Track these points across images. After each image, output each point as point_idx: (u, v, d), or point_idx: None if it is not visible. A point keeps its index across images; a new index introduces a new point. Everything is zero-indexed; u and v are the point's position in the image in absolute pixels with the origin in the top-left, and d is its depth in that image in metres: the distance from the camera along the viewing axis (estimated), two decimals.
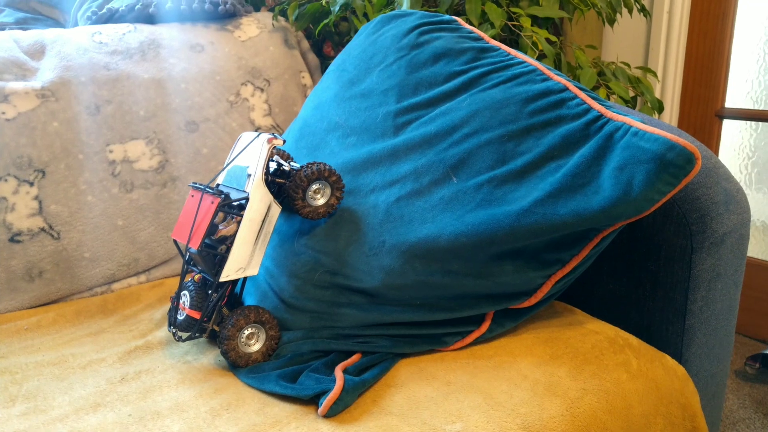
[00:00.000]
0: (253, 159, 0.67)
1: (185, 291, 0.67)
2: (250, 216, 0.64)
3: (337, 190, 0.69)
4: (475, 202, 0.62)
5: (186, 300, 0.66)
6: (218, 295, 0.65)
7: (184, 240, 0.65)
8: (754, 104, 1.61)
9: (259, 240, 0.65)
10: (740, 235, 0.72)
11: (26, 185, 0.86)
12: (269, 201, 0.65)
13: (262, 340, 0.65)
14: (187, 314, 0.65)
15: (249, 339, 0.65)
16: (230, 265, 0.64)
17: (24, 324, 0.78)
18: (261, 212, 0.65)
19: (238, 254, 0.64)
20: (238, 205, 0.66)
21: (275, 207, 0.66)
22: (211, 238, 0.66)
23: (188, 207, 0.67)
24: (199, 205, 0.66)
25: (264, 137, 0.67)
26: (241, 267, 0.65)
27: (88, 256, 0.89)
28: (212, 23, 1.12)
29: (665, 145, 0.55)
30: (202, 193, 0.66)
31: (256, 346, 0.65)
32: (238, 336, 0.64)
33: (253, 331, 0.65)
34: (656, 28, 1.68)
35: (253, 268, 0.65)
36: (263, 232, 0.66)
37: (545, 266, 0.63)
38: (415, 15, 0.83)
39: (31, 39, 0.97)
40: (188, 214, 0.67)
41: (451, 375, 0.61)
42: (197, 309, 0.65)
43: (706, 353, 0.74)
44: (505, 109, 0.66)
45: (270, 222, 0.66)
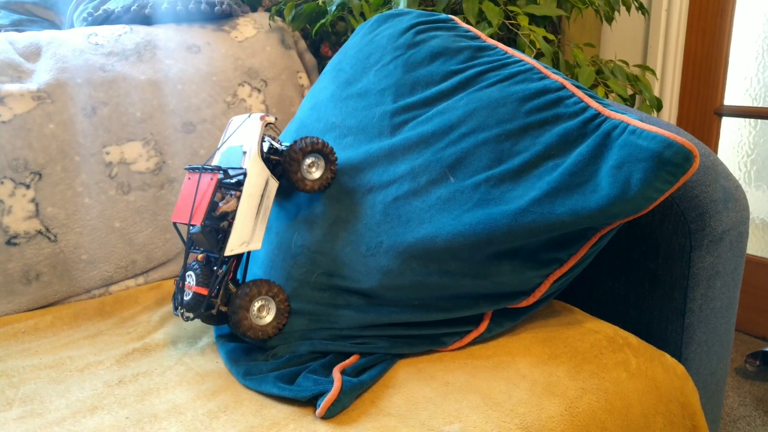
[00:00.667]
0: (247, 137, 0.69)
1: (190, 271, 0.67)
2: (249, 190, 0.65)
3: (332, 163, 0.71)
4: (473, 201, 0.62)
5: (192, 279, 0.66)
6: (224, 270, 0.66)
7: (184, 220, 0.66)
8: (753, 101, 1.61)
9: (259, 214, 0.66)
10: (739, 232, 0.72)
11: (22, 188, 0.85)
12: (267, 175, 0.67)
13: (273, 313, 0.66)
14: (194, 292, 0.65)
15: (260, 311, 0.65)
16: (234, 239, 0.65)
17: (21, 327, 0.78)
18: (260, 186, 0.66)
19: (241, 228, 0.65)
20: (236, 182, 0.67)
21: (273, 182, 0.67)
22: (212, 215, 0.66)
23: (186, 189, 0.68)
24: (198, 184, 0.67)
25: (256, 116, 0.69)
26: (245, 241, 0.65)
27: (86, 258, 0.89)
28: (209, 24, 1.12)
29: (663, 143, 0.55)
30: (200, 173, 0.67)
31: (267, 318, 0.66)
32: (250, 307, 0.64)
33: (263, 303, 0.65)
34: (655, 26, 1.68)
35: (256, 242, 0.66)
36: (263, 206, 0.66)
37: (543, 266, 0.63)
38: (411, 14, 0.82)
39: (26, 41, 0.97)
40: (187, 196, 0.67)
41: (450, 375, 0.61)
42: (204, 286, 0.65)
43: (706, 351, 0.74)
44: (502, 108, 0.66)
45: (269, 196, 0.67)
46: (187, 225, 0.67)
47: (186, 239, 0.70)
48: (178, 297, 0.67)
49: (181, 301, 0.66)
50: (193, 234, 0.67)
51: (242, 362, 0.66)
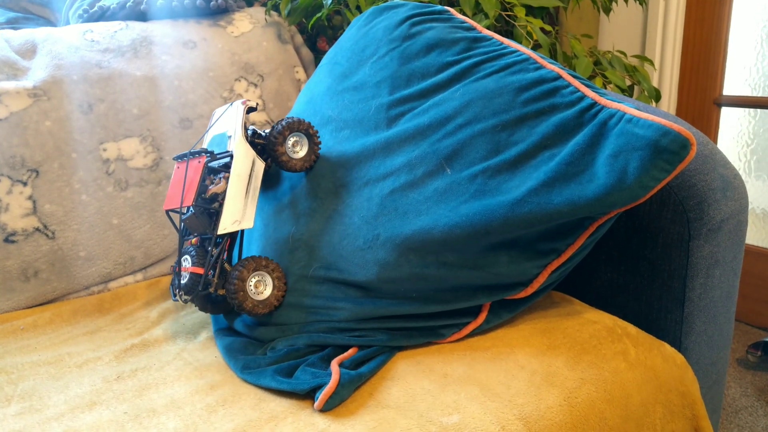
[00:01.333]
0: (230, 123, 0.71)
1: (185, 255, 0.68)
2: (237, 171, 0.67)
3: (315, 137, 0.73)
4: (469, 193, 0.62)
5: (187, 262, 0.67)
6: (218, 249, 0.67)
7: (176, 205, 0.67)
8: (753, 91, 1.60)
9: (249, 194, 0.68)
10: (738, 221, 0.72)
11: (20, 185, 0.85)
12: (252, 156, 0.69)
13: (271, 285, 0.67)
14: (191, 272, 0.66)
15: (257, 287, 0.66)
16: (225, 218, 0.66)
17: (20, 324, 0.78)
18: (247, 166, 0.68)
19: (232, 207, 0.66)
20: (224, 165, 0.69)
21: (259, 162, 0.69)
22: (203, 198, 0.68)
23: (176, 177, 0.70)
24: (186, 169, 0.68)
25: (237, 102, 0.72)
26: (236, 219, 0.67)
27: (84, 255, 0.89)
28: (204, 19, 1.12)
29: (660, 131, 0.55)
30: (187, 160, 0.69)
31: (267, 292, 0.67)
32: (245, 287, 0.65)
33: (258, 279, 0.66)
34: (653, 16, 1.67)
35: (247, 221, 0.68)
36: (251, 186, 0.68)
37: (541, 256, 0.62)
38: (406, 6, 0.82)
39: (22, 38, 0.96)
40: (177, 184, 0.69)
41: (449, 367, 0.61)
42: (200, 265, 0.66)
43: (706, 341, 0.74)
44: (498, 99, 0.65)
45: (256, 177, 0.69)
46: (179, 212, 0.68)
47: (179, 226, 0.70)
48: (175, 281, 0.68)
49: (178, 285, 0.67)
50: (186, 219, 0.68)
51: (240, 356, 0.66)
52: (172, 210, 0.68)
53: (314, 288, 0.67)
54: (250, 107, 0.72)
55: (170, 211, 0.68)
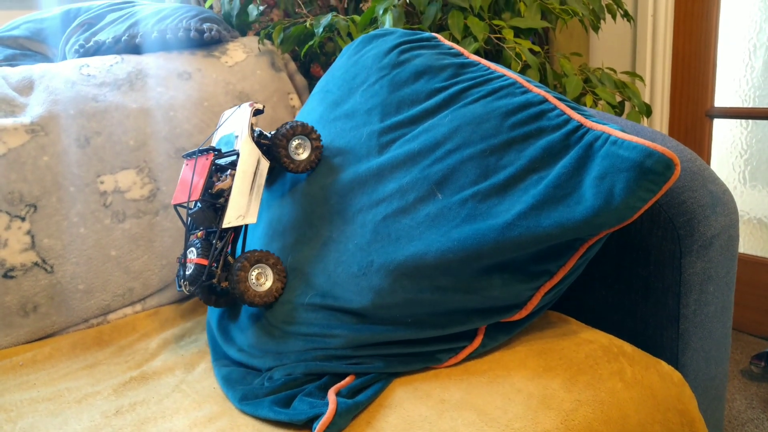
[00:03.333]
0: (238, 123, 0.75)
1: (191, 247, 0.71)
2: (242, 168, 0.71)
3: (315, 141, 0.77)
4: (461, 217, 0.62)
5: (193, 254, 0.70)
6: (223, 242, 0.70)
7: (184, 200, 0.71)
8: (743, 102, 1.62)
9: (253, 191, 0.71)
10: (729, 236, 0.72)
11: (18, 220, 0.86)
12: (258, 155, 0.72)
13: (272, 278, 0.70)
14: (196, 263, 0.69)
15: (258, 279, 0.69)
16: (230, 213, 0.69)
17: (19, 360, 0.78)
18: (252, 164, 0.72)
19: (236, 202, 0.70)
20: (230, 163, 0.73)
21: (264, 161, 0.73)
22: (209, 193, 0.71)
23: (185, 174, 0.74)
24: (194, 166, 0.73)
25: (245, 104, 0.76)
26: (240, 214, 0.70)
27: (83, 288, 0.89)
28: (199, 50, 1.14)
29: (644, 152, 0.56)
30: (195, 157, 0.74)
31: (267, 284, 0.69)
32: (247, 277, 0.68)
33: (260, 271, 0.69)
34: (642, 32, 1.69)
35: (251, 217, 0.71)
36: (256, 183, 0.72)
37: (533, 278, 0.63)
38: (395, 34, 0.83)
39: (19, 75, 0.98)
40: (185, 179, 0.73)
41: (446, 392, 0.61)
42: (204, 257, 0.69)
43: (703, 357, 0.74)
44: (486, 124, 0.66)
45: (261, 175, 0.72)
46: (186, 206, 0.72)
47: (186, 221, 0.74)
48: (180, 272, 0.71)
49: (183, 275, 0.70)
50: (192, 214, 0.72)
51: (238, 386, 0.66)
52: (179, 205, 0.72)
53: (310, 316, 0.68)
54: (257, 109, 0.76)
55: (178, 205, 0.72)
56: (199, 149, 0.73)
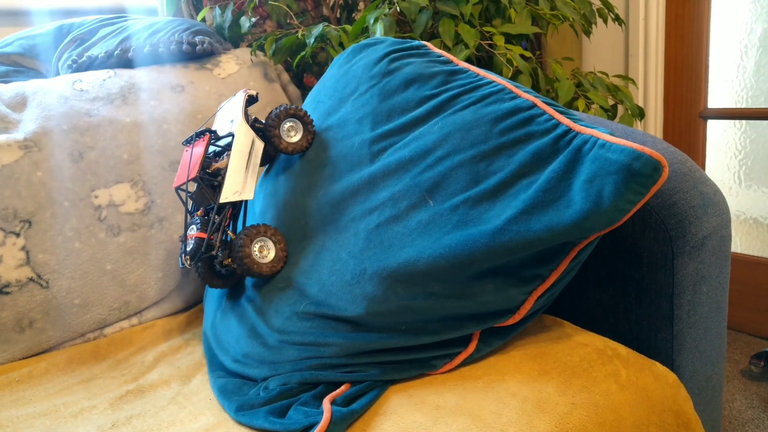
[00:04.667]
0: (233, 109, 0.80)
1: (191, 225, 0.75)
2: (238, 147, 0.75)
3: (308, 125, 0.80)
4: (452, 223, 0.63)
5: (192, 230, 0.74)
6: (221, 216, 0.73)
7: (183, 179, 0.75)
8: (736, 103, 1.62)
9: (248, 169, 0.75)
10: (721, 236, 0.72)
11: (13, 236, 0.86)
12: (252, 136, 0.77)
13: (273, 251, 0.73)
14: (196, 237, 0.72)
15: (261, 251, 0.72)
16: (227, 188, 0.73)
17: (15, 376, 0.78)
18: (247, 144, 0.76)
19: (233, 179, 0.74)
20: (227, 145, 0.77)
21: (258, 142, 0.77)
22: (207, 171, 0.76)
23: (184, 159, 0.78)
24: (192, 149, 0.77)
25: (240, 92, 0.81)
26: (237, 191, 0.74)
27: (78, 302, 0.89)
28: (191, 63, 1.14)
29: (631, 155, 0.56)
30: (192, 142, 0.78)
31: (269, 257, 0.73)
32: (251, 246, 0.71)
33: (261, 244, 0.72)
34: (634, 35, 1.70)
35: (248, 193, 0.75)
36: (251, 162, 0.76)
37: (525, 282, 0.63)
38: (385, 43, 0.84)
39: (12, 92, 0.98)
40: (185, 164, 0.77)
41: (441, 399, 0.61)
42: (203, 231, 0.73)
43: (699, 357, 0.74)
44: (475, 130, 0.67)
45: (256, 155, 0.76)
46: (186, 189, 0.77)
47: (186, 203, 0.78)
48: (182, 248, 0.74)
49: (184, 251, 0.73)
50: (192, 195, 0.76)
51: (234, 397, 0.66)
52: (180, 187, 0.76)
53: (305, 325, 0.68)
54: (251, 95, 0.80)
55: (179, 188, 0.76)
56: (196, 132, 0.78)
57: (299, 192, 0.78)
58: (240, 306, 0.76)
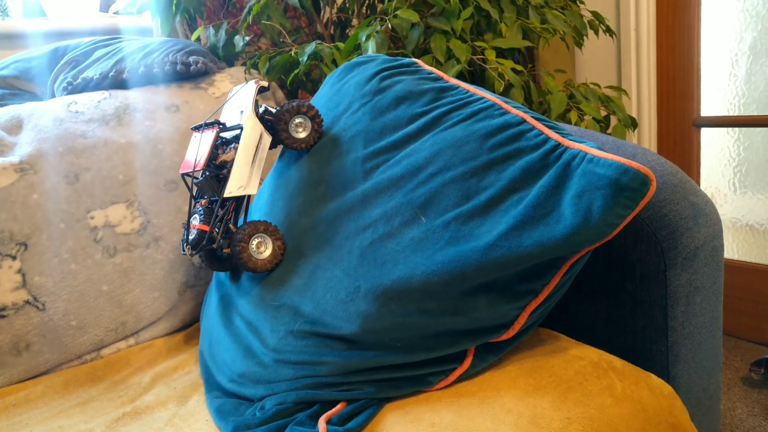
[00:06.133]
0: (243, 100, 0.80)
1: (195, 214, 0.76)
2: (245, 141, 0.75)
3: (316, 124, 0.81)
4: (444, 240, 0.63)
5: (196, 220, 0.75)
6: (224, 210, 0.75)
7: (190, 169, 0.75)
8: (729, 111, 1.64)
9: (255, 163, 0.76)
10: (713, 247, 0.73)
11: (9, 259, 0.87)
12: (260, 130, 0.77)
13: (270, 248, 0.74)
14: (198, 229, 0.74)
15: (259, 248, 0.74)
16: (232, 183, 0.74)
17: (12, 400, 0.78)
18: (254, 138, 0.76)
19: (238, 173, 0.75)
20: (235, 137, 0.77)
21: (266, 136, 0.78)
22: (213, 164, 0.76)
23: (192, 146, 0.79)
24: (201, 135, 0.78)
25: (251, 81, 0.82)
26: (242, 185, 0.75)
27: (75, 324, 0.89)
28: (186, 83, 1.15)
29: (619, 169, 0.57)
30: (202, 130, 0.79)
31: (266, 253, 0.74)
32: (248, 244, 0.73)
33: (260, 240, 0.74)
34: (625, 46, 1.71)
35: (252, 188, 0.76)
36: (258, 157, 0.76)
37: (518, 297, 0.63)
38: (376, 61, 0.85)
39: (7, 115, 0.99)
40: (192, 150, 0.78)
41: (436, 416, 0.61)
42: (206, 223, 0.74)
43: (694, 368, 0.74)
44: (466, 147, 0.67)
45: (263, 149, 0.77)
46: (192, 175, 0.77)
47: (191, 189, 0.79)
48: (185, 236, 0.75)
49: (186, 240, 0.74)
50: (198, 183, 0.77)
51: (231, 418, 0.66)
52: (186, 174, 0.76)
53: (300, 343, 0.68)
54: (263, 86, 0.81)
55: (184, 174, 0.76)
56: (206, 122, 0.78)
57: (294, 211, 0.78)
58: (235, 325, 0.77)
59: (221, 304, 0.82)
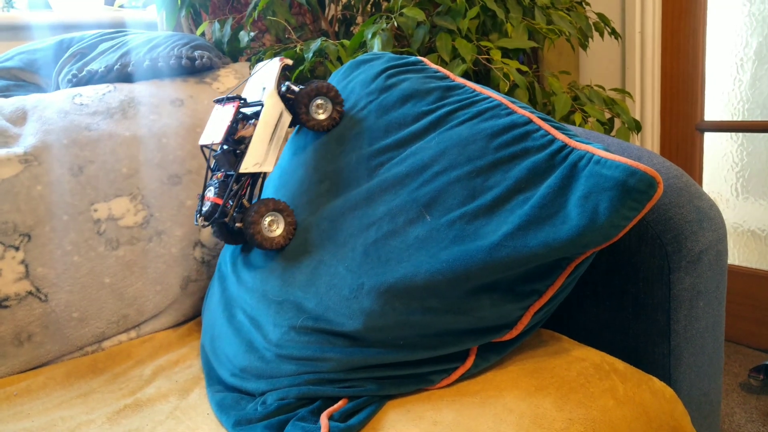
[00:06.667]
0: (267, 76, 0.81)
1: (210, 186, 0.77)
2: (265, 119, 0.76)
3: (338, 104, 0.81)
4: (449, 239, 0.63)
5: (211, 192, 0.76)
6: (239, 185, 0.75)
7: (208, 141, 0.76)
8: (732, 116, 1.63)
9: (273, 141, 0.76)
10: (717, 251, 0.73)
11: (12, 250, 0.86)
12: (281, 108, 0.78)
13: (282, 226, 0.75)
14: (212, 201, 0.75)
15: (270, 225, 0.74)
16: (248, 159, 0.75)
17: (13, 390, 0.78)
18: (274, 116, 0.77)
19: (255, 150, 0.75)
20: (255, 113, 0.78)
21: (286, 115, 0.78)
22: (232, 139, 0.76)
23: (213, 117, 0.79)
24: (223, 107, 0.78)
25: (276, 59, 0.82)
26: (258, 162, 0.75)
27: (77, 316, 0.89)
28: (190, 77, 1.15)
29: (626, 171, 0.57)
30: (223, 103, 0.79)
31: (277, 231, 0.75)
32: (261, 221, 0.73)
33: (273, 218, 0.74)
34: (630, 49, 1.71)
35: (268, 165, 0.76)
36: (276, 135, 0.77)
37: (522, 298, 0.63)
38: (382, 59, 0.85)
39: (12, 106, 0.99)
40: (213, 122, 0.78)
41: (438, 414, 0.61)
42: (220, 197, 0.75)
43: (696, 372, 0.74)
44: (472, 146, 0.67)
45: (282, 127, 0.78)
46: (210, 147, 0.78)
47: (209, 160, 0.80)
48: (199, 207, 0.76)
49: (200, 211, 0.75)
50: (216, 156, 0.77)
51: (232, 412, 0.66)
52: (205, 145, 0.77)
53: (302, 339, 0.68)
54: (287, 64, 0.81)
55: (203, 146, 0.77)
56: (227, 96, 0.78)
57: (299, 208, 0.78)
58: (237, 320, 0.77)
59: (223, 299, 0.82)
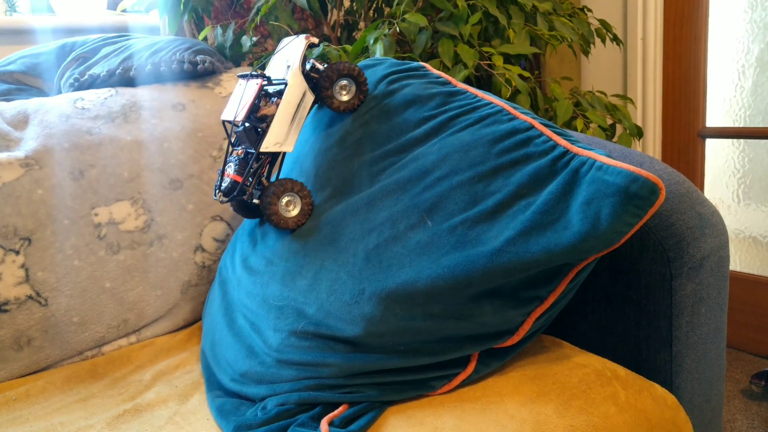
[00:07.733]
0: (292, 54, 0.80)
1: (230, 162, 0.78)
2: (287, 98, 0.76)
3: (363, 87, 0.81)
4: (450, 244, 0.63)
5: (231, 169, 0.77)
6: (259, 163, 0.76)
7: (230, 117, 0.76)
8: (734, 122, 1.63)
9: (294, 121, 0.77)
10: (719, 257, 0.73)
11: (12, 254, 0.86)
12: (304, 88, 0.77)
13: (299, 207, 0.76)
14: (231, 179, 0.76)
15: (287, 206, 0.75)
16: (269, 138, 0.75)
17: (12, 394, 0.78)
18: (297, 96, 0.76)
19: (277, 130, 0.75)
20: (278, 91, 0.78)
21: (309, 95, 0.78)
22: (254, 117, 0.76)
23: (236, 93, 0.79)
24: (246, 84, 0.78)
25: (302, 36, 0.81)
26: (278, 142, 0.76)
27: (77, 320, 0.89)
28: (192, 82, 1.15)
29: (628, 177, 0.56)
30: (247, 79, 0.79)
31: (294, 212, 0.75)
32: (278, 202, 0.74)
33: (290, 198, 0.75)
34: (632, 55, 1.72)
35: (288, 145, 0.77)
36: (298, 115, 0.77)
37: (524, 304, 0.63)
38: (384, 64, 0.85)
39: (14, 110, 0.99)
40: (236, 98, 0.78)
41: (439, 420, 0.61)
42: (239, 174, 0.76)
43: (698, 378, 0.74)
44: (473, 151, 0.67)
45: (304, 107, 0.77)
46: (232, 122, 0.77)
47: (230, 135, 0.80)
48: (218, 182, 0.77)
49: (219, 186, 0.76)
50: (237, 132, 0.78)
51: (232, 417, 0.66)
52: (226, 120, 0.77)
53: (303, 344, 0.68)
54: (312, 42, 0.80)
55: (225, 121, 0.77)
56: (251, 73, 0.78)
57: None
58: (238, 325, 0.76)
59: (224, 303, 0.82)
